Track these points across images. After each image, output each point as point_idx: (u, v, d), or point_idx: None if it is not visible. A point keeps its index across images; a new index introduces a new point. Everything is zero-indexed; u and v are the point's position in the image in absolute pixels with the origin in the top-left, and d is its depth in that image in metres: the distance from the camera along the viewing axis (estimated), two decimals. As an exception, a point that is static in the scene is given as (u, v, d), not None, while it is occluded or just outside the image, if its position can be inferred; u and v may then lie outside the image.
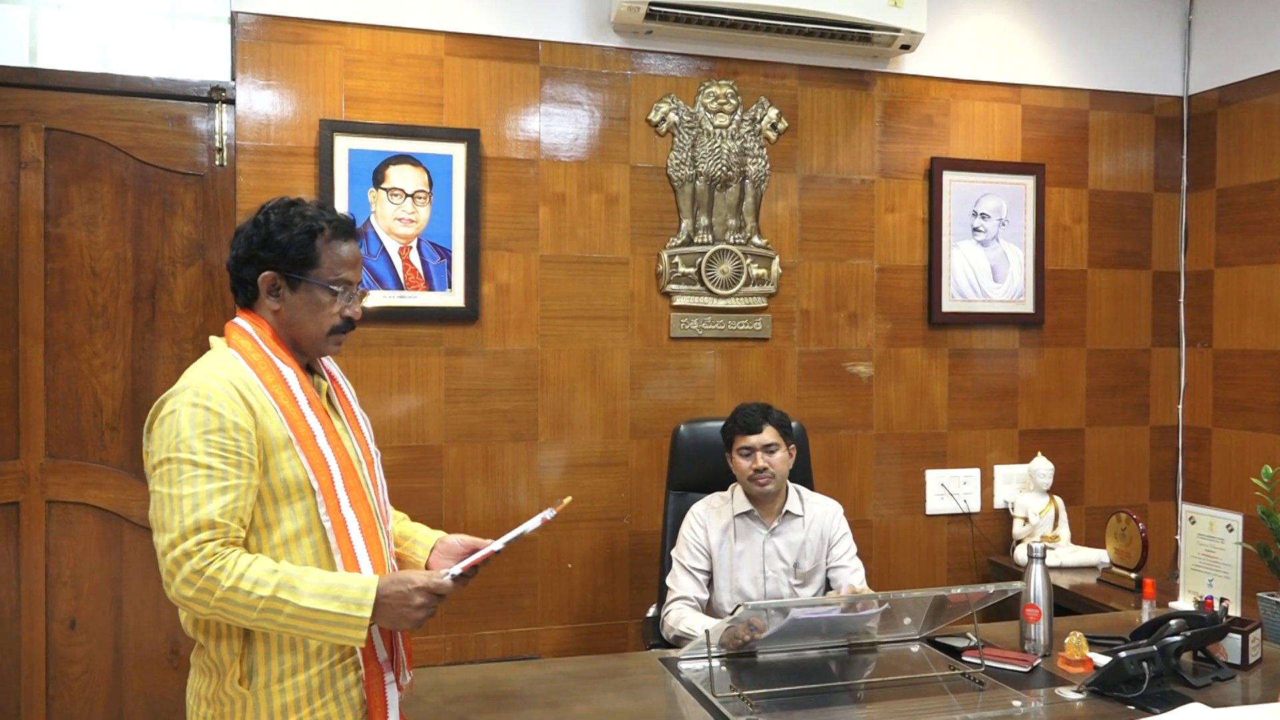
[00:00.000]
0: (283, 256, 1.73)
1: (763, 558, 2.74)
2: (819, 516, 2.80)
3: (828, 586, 2.80)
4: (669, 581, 2.78)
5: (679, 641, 2.60)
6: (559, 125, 3.29)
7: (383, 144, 3.11)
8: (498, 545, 1.77)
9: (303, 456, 1.69)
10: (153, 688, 2.99)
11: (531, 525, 1.77)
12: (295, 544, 1.68)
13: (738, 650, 2.31)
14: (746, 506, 2.76)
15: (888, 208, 3.64)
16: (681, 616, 2.64)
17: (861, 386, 3.62)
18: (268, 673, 1.67)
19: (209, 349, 1.81)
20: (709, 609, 2.74)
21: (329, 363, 1.90)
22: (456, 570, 1.72)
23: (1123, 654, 2.08)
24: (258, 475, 1.65)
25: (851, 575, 2.76)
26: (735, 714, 1.98)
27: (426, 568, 1.89)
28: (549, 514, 1.76)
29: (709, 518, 2.77)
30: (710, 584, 2.75)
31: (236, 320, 1.78)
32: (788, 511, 2.77)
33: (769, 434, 2.72)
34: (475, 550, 1.84)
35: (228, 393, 1.65)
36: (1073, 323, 3.87)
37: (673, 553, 2.80)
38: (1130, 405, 3.96)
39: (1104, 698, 2.08)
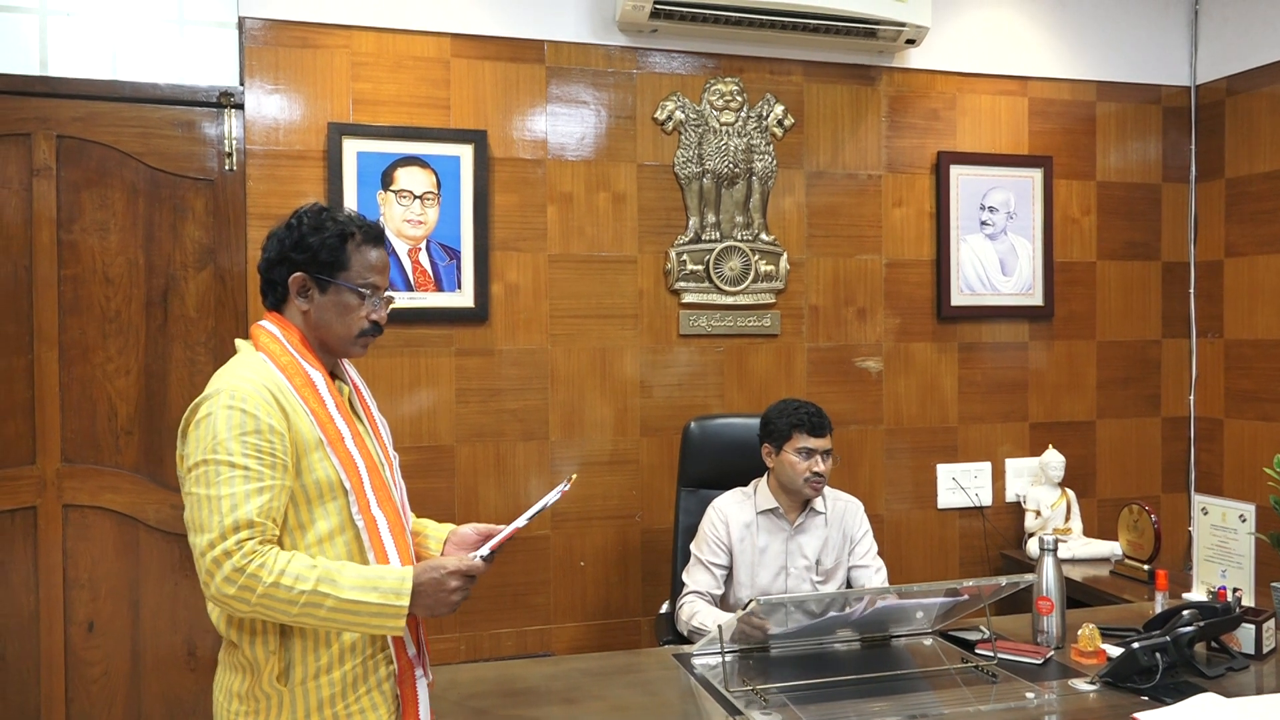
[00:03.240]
0: (314, 259, 1.78)
1: (785, 555, 2.74)
2: (840, 513, 2.80)
3: (849, 585, 2.79)
4: (684, 576, 2.77)
5: (694, 635, 2.60)
6: (565, 125, 3.30)
7: (391, 146, 3.13)
8: (520, 522, 1.83)
9: (334, 458, 1.72)
10: (171, 689, 3.02)
11: (552, 498, 1.84)
12: (329, 543, 1.72)
13: (751, 645, 2.32)
14: (771, 504, 2.75)
15: (895, 202, 3.64)
16: (695, 611, 2.65)
17: (871, 381, 3.62)
18: (304, 669, 1.70)
19: (222, 352, 1.85)
20: (726, 605, 2.74)
21: (349, 368, 1.94)
22: (485, 551, 1.79)
23: (1136, 645, 2.08)
24: (290, 476, 1.68)
25: (874, 576, 2.76)
26: (749, 708, 1.98)
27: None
28: (565, 486, 1.85)
29: (730, 513, 2.76)
30: (729, 580, 2.75)
31: (263, 323, 1.81)
32: (811, 509, 2.77)
33: (829, 440, 2.71)
34: (490, 536, 1.90)
35: (261, 395, 1.68)
36: (1082, 315, 3.87)
37: (691, 546, 2.79)
38: (1141, 397, 3.95)
39: (1117, 689, 2.08)
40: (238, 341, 1.83)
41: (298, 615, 1.62)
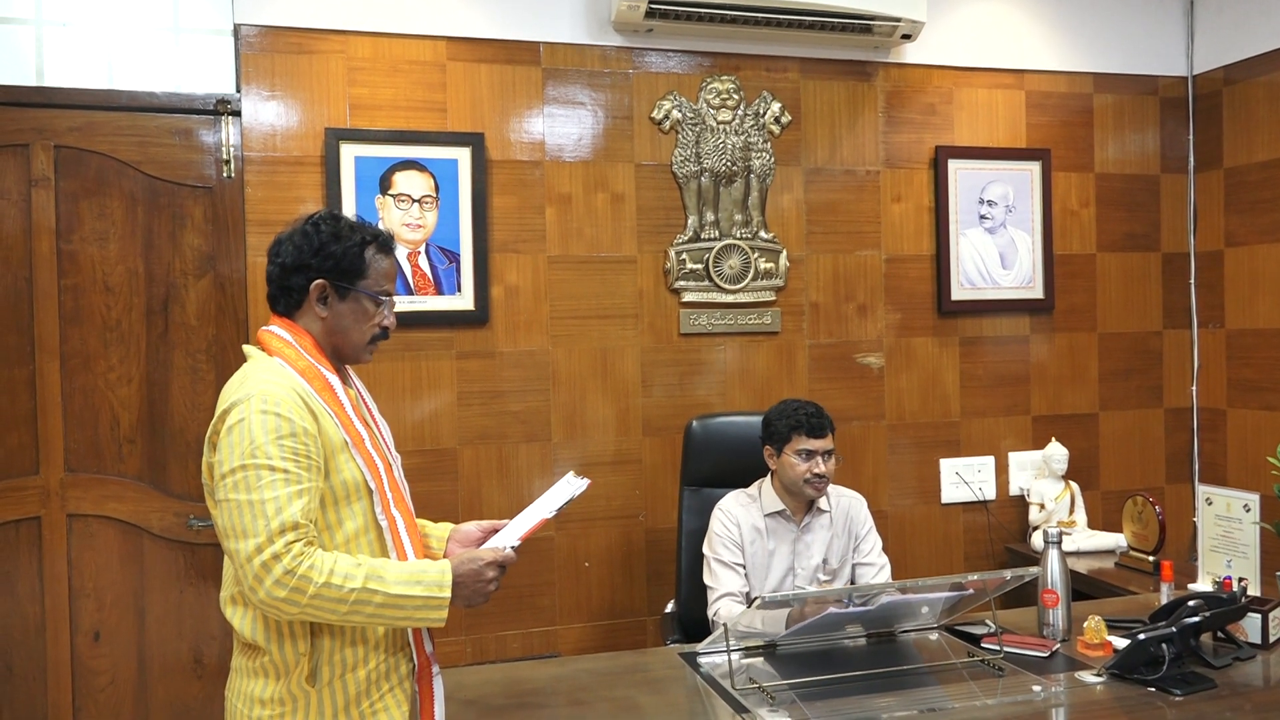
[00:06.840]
0: (335, 266, 1.79)
1: (793, 556, 2.73)
2: (845, 510, 2.79)
3: (853, 582, 2.78)
4: (709, 580, 2.72)
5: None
6: (563, 126, 3.30)
7: (388, 150, 3.12)
8: (549, 514, 1.89)
9: (359, 459, 1.75)
10: (177, 697, 3.02)
11: (575, 491, 1.92)
12: (355, 543, 1.74)
13: (757, 644, 2.32)
14: (777, 506, 2.74)
15: (894, 198, 3.63)
16: (733, 610, 2.60)
17: (873, 377, 3.62)
18: (331, 669, 1.72)
19: (224, 359, 1.85)
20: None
21: (351, 372, 1.95)
22: (516, 542, 1.84)
23: (1142, 636, 2.08)
24: (321, 477, 1.70)
25: (877, 575, 2.75)
26: (755, 706, 1.98)
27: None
28: (584, 485, 1.93)
29: (740, 516, 2.73)
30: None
31: (272, 329, 1.81)
32: (816, 508, 2.76)
33: (830, 440, 2.69)
34: (493, 532, 1.93)
35: (292, 399, 1.69)
36: (1083, 307, 3.86)
37: (705, 549, 2.76)
38: (1144, 388, 3.95)
39: (1124, 680, 2.08)
40: (247, 348, 1.83)
41: (346, 614, 1.63)
